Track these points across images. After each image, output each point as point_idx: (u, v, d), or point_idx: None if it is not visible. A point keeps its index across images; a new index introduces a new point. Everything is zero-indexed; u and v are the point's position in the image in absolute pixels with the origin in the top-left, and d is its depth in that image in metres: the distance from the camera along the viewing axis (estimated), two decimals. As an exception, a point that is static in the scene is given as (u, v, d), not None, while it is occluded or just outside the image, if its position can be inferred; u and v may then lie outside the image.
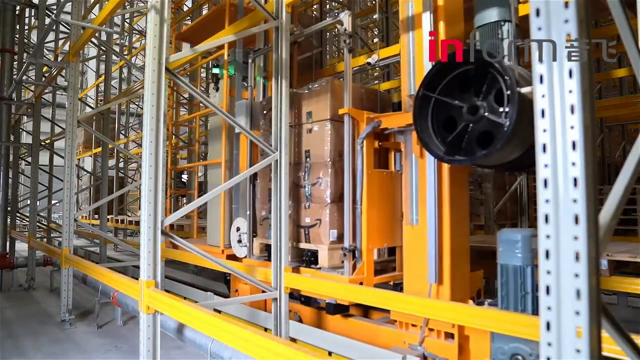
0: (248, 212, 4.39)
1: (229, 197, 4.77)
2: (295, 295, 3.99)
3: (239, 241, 4.44)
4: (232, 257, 4.53)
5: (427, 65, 3.03)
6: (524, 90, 2.25)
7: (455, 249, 2.99)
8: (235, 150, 4.72)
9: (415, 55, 3.22)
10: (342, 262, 3.53)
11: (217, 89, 5.08)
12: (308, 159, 3.92)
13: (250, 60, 4.56)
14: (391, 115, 3.43)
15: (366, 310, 3.78)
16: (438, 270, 2.97)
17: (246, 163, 4.43)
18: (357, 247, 3.44)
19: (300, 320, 3.99)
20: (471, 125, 2.54)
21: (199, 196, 5.96)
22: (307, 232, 3.84)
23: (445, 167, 2.99)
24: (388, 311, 3.30)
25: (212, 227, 5.04)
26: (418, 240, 3.08)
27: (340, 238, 3.63)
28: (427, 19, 3.09)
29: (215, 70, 5.12)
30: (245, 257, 4.39)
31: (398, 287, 3.52)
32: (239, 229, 4.46)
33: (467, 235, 3.16)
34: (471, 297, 3.04)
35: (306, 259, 3.83)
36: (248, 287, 4.39)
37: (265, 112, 4.35)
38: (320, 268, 3.67)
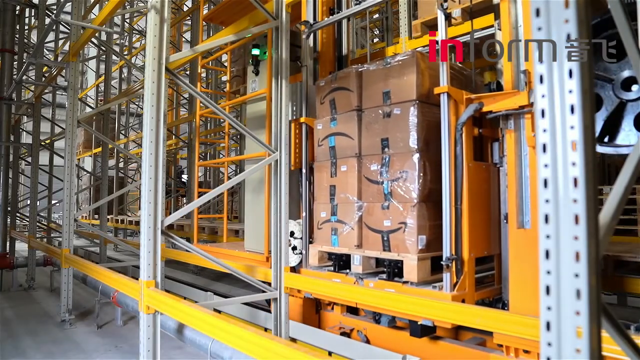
0: (304, 214, 3.83)
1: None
2: (352, 309, 3.71)
3: (294, 248, 3.84)
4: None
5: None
6: None
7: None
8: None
9: (525, 24, 2.67)
10: (432, 274, 3.02)
11: (256, 73, 4.48)
12: (386, 149, 3.24)
13: (305, 36, 4.02)
14: (496, 95, 2.77)
15: (453, 329, 3.24)
16: None
17: (302, 154, 3.89)
18: (458, 256, 2.89)
19: (368, 341, 3.46)
20: (629, 103, 2.06)
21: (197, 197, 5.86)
22: (386, 239, 3.17)
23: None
24: (479, 330, 2.90)
25: (251, 231, 4.52)
26: (530, 246, 2.56)
27: (429, 245, 3.07)
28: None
29: (255, 52, 4.45)
30: (299, 266, 3.83)
31: (498, 303, 3.01)
32: (293, 234, 3.86)
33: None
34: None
35: (389, 270, 3.17)
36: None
37: (325, 94, 3.73)
38: (406, 282, 3.04)
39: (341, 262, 3.55)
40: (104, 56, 9.92)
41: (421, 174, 3.05)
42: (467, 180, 2.88)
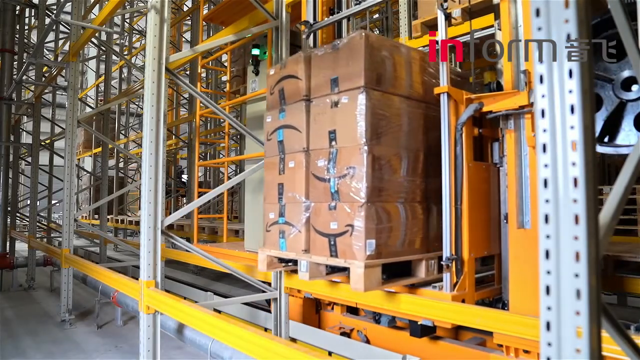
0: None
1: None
2: (352, 309, 3.68)
3: None
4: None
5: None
6: None
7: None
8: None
9: (525, 24, 2.66)
10: (384, 282, 2.81)
11: (256, 73, 4.48)
12: (333, 142, 2.87)
13: (305, 36, 3.88)
14: (496, 95, 2.74)
15: (453, 329, 3.23)
16: None
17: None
18: (458, 256, 2.84)
19: (368, 341, 3.42)
20: (629, 103, 2.06)
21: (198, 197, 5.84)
22: (332, 243, 2.82)
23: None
24: (479, 330, 2.92)
25: (250, 231, 4.47)
26: (531, 246, 2.54)
27: (380, 251, 2.74)
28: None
29: (255, 52, 4.44)
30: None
31: (498, 303, 2.98)
32: None
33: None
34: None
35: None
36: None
37: (275, 84, 3.36)
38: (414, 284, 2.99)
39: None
40: (104, 56, 9.93)
41: (370, 171, 2.70)
42: (467, 180, 2.86)
